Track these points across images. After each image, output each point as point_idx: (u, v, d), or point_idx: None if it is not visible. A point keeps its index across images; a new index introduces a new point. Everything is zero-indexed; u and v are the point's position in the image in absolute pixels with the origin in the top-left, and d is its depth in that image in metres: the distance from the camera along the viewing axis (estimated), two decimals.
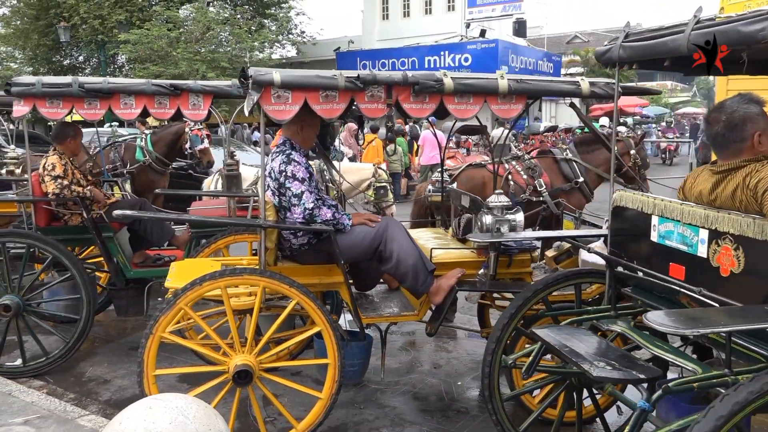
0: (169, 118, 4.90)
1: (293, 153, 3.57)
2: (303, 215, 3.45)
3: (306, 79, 3.32)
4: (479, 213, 3.65)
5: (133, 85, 4.71)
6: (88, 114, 4.63)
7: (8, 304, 4.58)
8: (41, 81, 4.52)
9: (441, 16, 27.15)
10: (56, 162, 4.76)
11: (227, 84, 4.97)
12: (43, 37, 23.83)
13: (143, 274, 5.12)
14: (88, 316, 4.74)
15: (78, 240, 4.98)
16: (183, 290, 3.32)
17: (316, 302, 3.43)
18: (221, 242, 4.61)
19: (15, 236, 4.62)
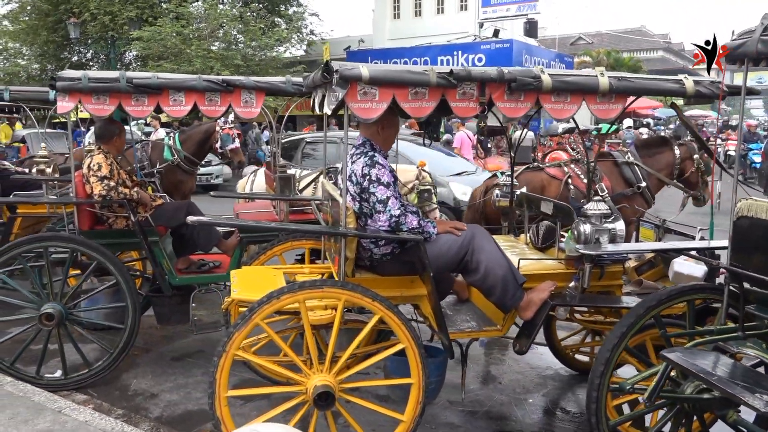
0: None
1: (376, 155, 3.30)
2: (389, 223, 3.18)
3: (396, 75, 3.05)
4: (574, 221, 3.37)
5: (184, 80, 4.45)
6: (135, 111, 4.38)
7: (51, 313, 4.31)
8: (87, 76, 4.27)
9: (453, 16, 26.85)
10: (102, 162, 4.49)
11: (281, 80, 4.71)
12: (52, 33, 23.52)
13: (188, 280, 4.85)
14: (133, 325, 4.48)
15: (122, 245, 4.71)
16: (259, 304, 3.05)
17: (401, 317, 3.16)
18: (278, 249, 4.33)
19: (59, 240, 4.34)
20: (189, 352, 5.21)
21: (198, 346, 5.33)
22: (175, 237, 4.90)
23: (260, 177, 6.94)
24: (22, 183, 6.83)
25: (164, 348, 5.31)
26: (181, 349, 5.29)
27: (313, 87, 3.71)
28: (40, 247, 4.30)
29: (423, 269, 3.22)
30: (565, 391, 4.51)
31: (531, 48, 24.75)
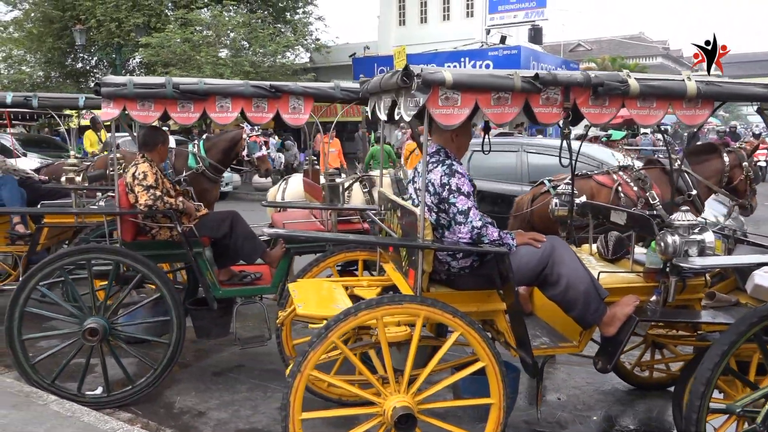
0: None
1: (455, 164, 3.14)
2: (470, 235, 3.02)
3: (480, 79, 2.91)
4: (660, 232, 3.21)
5: (231, 86, 4.30)
6: (180, 117, 4.23)
7: (95, 328, 4.13)
8: (132, 81, 4.12)
9: (459, 23, 26.79)
10: (148, 171, 4.32)
11: (329, 86, 4.55)
12: (57, 40, 23.35)
13: (232, 293, 4.69)
14: (178, 339, 4.31)
15: (165, 256, 4.53)
16: (335, 321, 2.89)
17: (482, 334, 3.00)
18: (331, 260, 4.16)
19: (103, 252, 4.17)
20: (229, 367, 5.03)
21: (237, 361, 5.16)
22: (217, 247, 4.73)
23: (293, 185, 6.79)
24: (48, 191, 6.70)
25: (203, 363, 5.13)
26: (221, 363, 5.11)
27: (376, 92, 3.57)
28: (83, 259, 4.13)
29: (505, 282, 3.06)
30: (627, 407, 4.35)
31: (538, 54, 24.73)
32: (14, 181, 6.29)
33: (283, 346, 4.16)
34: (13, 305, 4.08)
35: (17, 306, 4.08)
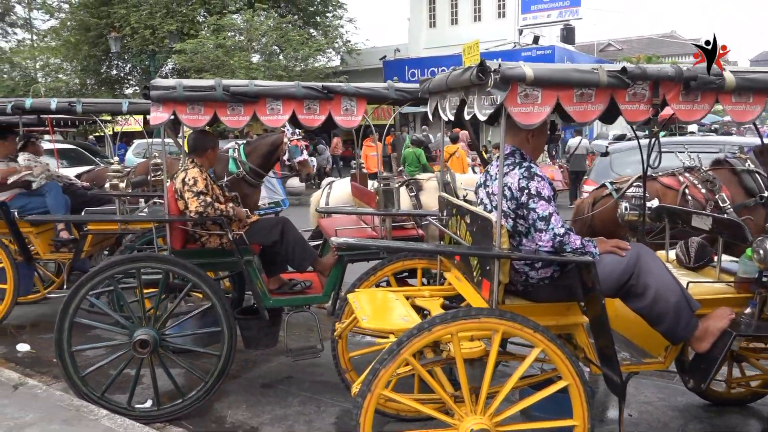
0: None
1: (533, 166, 2.93)
2: (552, 243, 2.79)
3: (562, 74, 2.69)
4: (758, 239, 2.94)
5: (282, 87, 4.14)
6: (230, 121, 4.09)
7: (146, 340, 4.00)
8: (182, 84, 3.99)
9: (491, 23, 26.45)
10: (198, 176, 4.19)
11: (383, 86, 4.36)
12: (93, 48, 23.70)
13: (283, 302, 4.52)
14: (229, 351, 4.15)
15: (215, 264, 4.39)
16: (408, 337, 2.68)
17: (565, 351, 2.77)
18: (388, 269, 3.97)
19: (153, 261, 4.04)
20: (279, 378, 4.87)
21: (286, 372, 5.00)
22: (266, 255, 4.58)
23: (337, 189, 6.63)
24: (90, 198, 6.64)
25: (251, 374, 4.98)
26: (269, 374, 4.95)
27: (439, 91, 3.37)
28: (134, 268, 4.01)
29: (589, 294, 2.83)
30: (706, 425, 4.05)
31: (572, 54, 24.30)
32: (59, 188, 6.24)
33: (339, 359, 3.98)
34: (63, 315, 3.97)
35: (67, 316, 3.98)
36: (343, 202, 6.42)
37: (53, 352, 5.57)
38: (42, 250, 6.22)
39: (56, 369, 5.17)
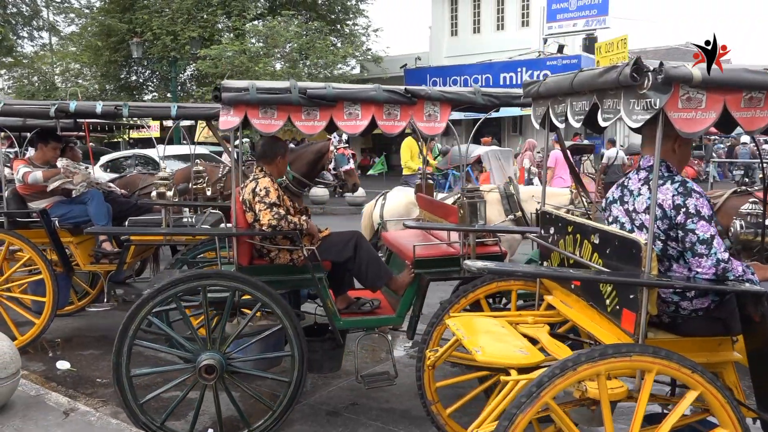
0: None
1: (688, 181, 2.56)
2: (715, 270, 2.42)
3: (733, 75, 2.33)
4: None
5: (362, 90, 3.82)
6: (305, 127, 3.75)
7: (212, 365, 3.65)
8: (255, 86, 3.66)
9: (514, 32, 26.12)
10: (270, 186, 3.84)
11: (469, 90, 4.02)
12: (114, 53, 23.55)
13: (354, 323, 4.17)
14: (300, 377, 3.80)
15: (284, 282, 4.02)
16: (549, 377, 2.31)
17: (725, 393, 2.39)
18: (481, 291, 3.60)
19: (222, 278, 3.69)
20: (343, 405, 4.51)
21: (349, 397, 4.63)
22: (335, 272, 4.22)
23: (392, 200, 6.28)
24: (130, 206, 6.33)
25: (313, 399, 4.61)
26: (332, 400, 4.59)
27: (556, 94, 3.02)
28: (199, 286, 3.66)
29: (753, 327, 2.45)
30: None
31: None
32: (101, 196, 5.93)
33: (425, 389, 3.60)
34: (122, 337, 3.63)
35: (126, 338, 3.63)
36: (398, 215, 6.06)
37: (96, 370, 5.33)
38: (82, 261, 5.91)
39: (101, 389, 4.87)
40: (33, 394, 4.25)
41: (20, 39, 24.74)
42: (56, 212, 5.75)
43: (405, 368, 4.97)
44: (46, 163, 5.96)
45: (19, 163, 5.82)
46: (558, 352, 2.83)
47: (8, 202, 5.70)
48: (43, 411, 3.99)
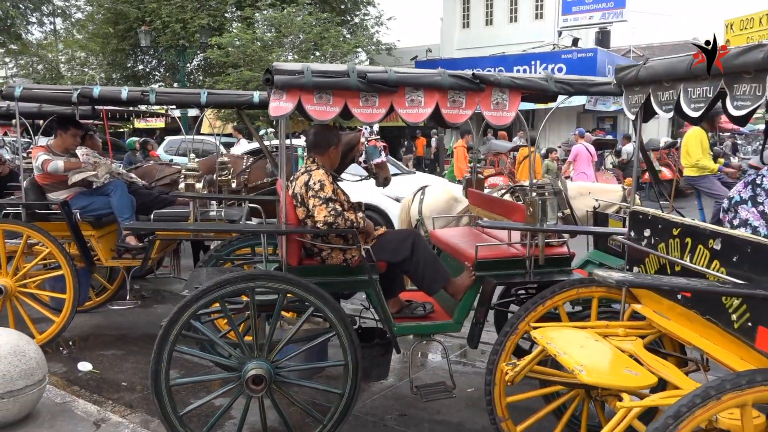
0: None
1: None
2: None
3: None
4: None
5: (425, 75, 3.48)
6: (363, 114, 3.42)
7: (260, 375, 3.32)
8: (310, 68, 3.31)
9: (527, 25, 25.69)
10: (325, 180, 3.50)
11: (541, 77, 3.67)
12: (121, 41, 23.15)
13: (410, 329, 3.84)
14: (353, 388, 3.48)
15: (336, 284, 3.68)
16: (689, 408, 1.98)
17: None
18: (560, 297, 3.26)
19: (272, 280, 3.35)
20: (390, 414, 4.19)
21: (395, 407, 4.32)
22: (387, 273, 3.88)
23: (431, 195, 5.94)
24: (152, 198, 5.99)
25: (356, 409, 4.27)
26: (377, 410, 4.26)
27: (661, 80, 2.68)
28: (247, 288, 3.32)
29: None
30: None
31: (613, 57, 23.47)
32: (124, 188, 5.60)
33: (495, 405, 3.27)
34: (162, 343, 3.29)
35: (167, 344, 3.30)
36: (439, 210, 5.73)
37: (119, 372, 5.00)
38: (104, 256, 5.58)
39: (127, 394, 4.56)
40: (59, 401, 3.94)
41: (29, 25, 24.33)
42: (77, 204, 5.42)
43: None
44: (65, 151, 5.61)
45: (38, 151, 5.48)
46: (665, 372, 2.50)
47: (26, 193, 5.36)
48: (72, 421, 3.68)
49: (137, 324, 6.12)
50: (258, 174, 7.17)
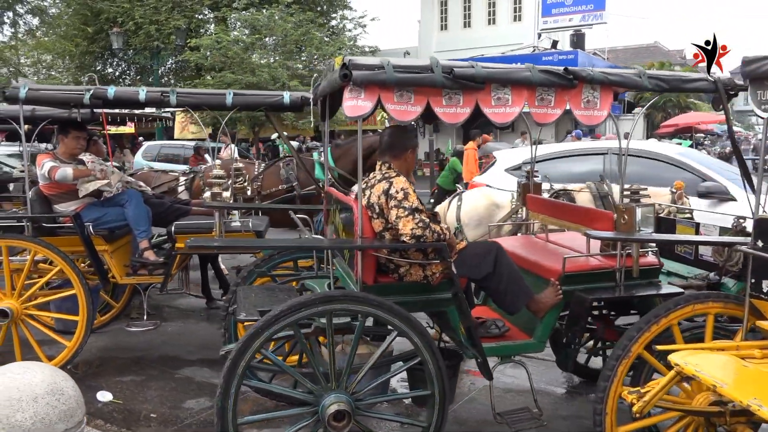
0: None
1: None
2: None
3: None
4: None
5: (514, 71, 3.18)
6: (446, 114, 3.11)
7: (343, 410, 2.93)
8: (391, 63, 2.96)
9: (506, 27, 25.73)
10: (408, 188, 3.12)
11: (634, 73, 3.37)
12: (91, 44, 22.29)
13: (495, 351, 3.47)
14: (440, 420, 3.12)
15: (416, 304, 3.31)
16: None
17: None
18: (675, 315, 2.95)
19: (353, 302, 2.96)
20: None
21: None
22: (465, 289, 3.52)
23: (469, 202, 5.60)
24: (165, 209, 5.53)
25: None
26: None
27: None
28: (326, 311, 2.93)
29: None
30: None
31: (593, 60, 23.65)
32: (140, 197, 5.13)
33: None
34: (230, 376, 2.88)
35: (235, 378, 2.88)
36: (479, 217, 5.40)
37: (144, 402, 4.52)
38: (118, 273, 5.09)
39: (160, 428, 4.10)
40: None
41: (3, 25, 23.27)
42: (89, 216, 4.93)
43: (517, 397, 4.35)
44: (71, 158, 5.11)
45: (43, 158, 4.96)
46: None
47: (32, 205, 4.85)
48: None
49: (152, 344, 5.62)
50: (272, 181, 6.76)
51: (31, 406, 2.86)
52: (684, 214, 5.14)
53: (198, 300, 6.76)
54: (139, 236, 5.04)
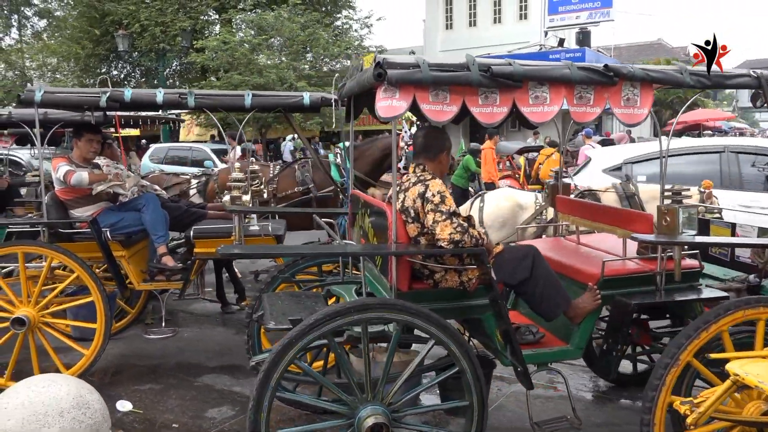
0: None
1: None
2: None
3: None
4: None
5: (553, 68, 3.06)
6: (482, 114, 3.01)
7: (381, 424, 2.81)
8: (427, 62, 2.85)
9: (511, 25, 25.58)
10: (444, 191, 3.01)
11: (674, 68, 3.25)
12: (96, 46, 22.24)
13: (534, 358, 3.36)
14: (479, 430, 3.00)
15: (451, 311, 3.19)
16: None
17: None
18: (725, 321, 2.83)
19: (389, 310, 2.85)
20: None
21: None
22: None
23: (491, 202, 5.49)
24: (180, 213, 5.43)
25: None
26: None
27: None
28: (361, 320, 2.82)
29: None
30: None
31: (600, 58, 23.44)
32: (157, 201, 5.03)
33: None
34: (263, 388, 2.77)
35: (268, 390, 2.78)
36: (503, 219, 5.29)
37: (165, 411, 4.40)
38: (135, 279, 4.98)
39: None
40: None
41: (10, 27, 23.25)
42: (106, 221, 4.83)
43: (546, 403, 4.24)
44: (85, 161, 5.01)
45: (58, 161, 4.87)
46: None
47: (48, 210, 4.75)
48: None
49: (168, 352, 5.51)
50: (287, 183, 6.65)
51: (57, 421, 2.76)
52: (713, 214, 5.03)
53: (213, 305, 6.66)
54: (156, 241, 4.94)
